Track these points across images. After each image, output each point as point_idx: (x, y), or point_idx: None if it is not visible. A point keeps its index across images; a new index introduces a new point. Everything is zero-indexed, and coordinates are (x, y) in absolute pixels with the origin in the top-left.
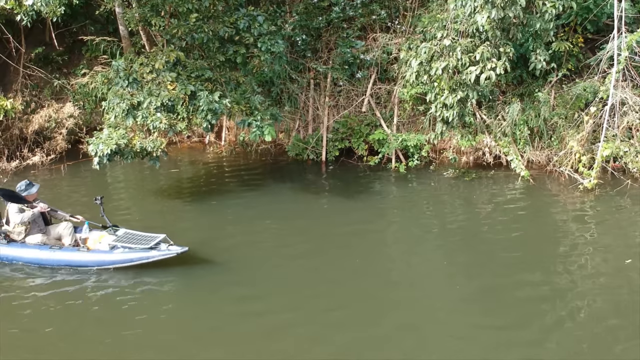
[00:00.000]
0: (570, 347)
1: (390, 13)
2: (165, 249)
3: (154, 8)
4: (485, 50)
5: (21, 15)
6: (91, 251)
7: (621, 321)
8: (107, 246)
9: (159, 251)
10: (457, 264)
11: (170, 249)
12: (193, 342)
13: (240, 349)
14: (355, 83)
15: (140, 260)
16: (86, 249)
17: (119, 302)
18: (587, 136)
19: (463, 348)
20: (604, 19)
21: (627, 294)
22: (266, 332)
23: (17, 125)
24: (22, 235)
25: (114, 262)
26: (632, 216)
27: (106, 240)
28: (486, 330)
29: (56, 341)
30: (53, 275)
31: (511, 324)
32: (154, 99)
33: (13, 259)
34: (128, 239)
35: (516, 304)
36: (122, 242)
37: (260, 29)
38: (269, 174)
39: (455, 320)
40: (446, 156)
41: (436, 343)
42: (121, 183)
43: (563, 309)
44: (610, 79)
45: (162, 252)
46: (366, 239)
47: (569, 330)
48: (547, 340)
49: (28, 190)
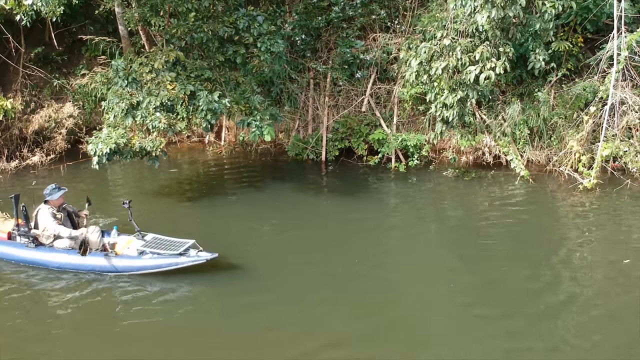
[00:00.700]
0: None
1: (390, 13)
2: (194, 255)
3: (154, 8)
4: (485, 50)
5: (21, 15)
6: (119, 256)
7: (620, 324)
8: (135, 251)
9: (188, 257)
10: (455, 263)
11: (199, 255)
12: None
13: (243, 344)
14: (355, 83)
15: (169, 267)
16: (114, 254)
17: (144, 308)
18: (587, 136)
19: (461, 339)
20: (604, 18)
21: (624, 293)
22: (266, 326)
23: (16, 125)
24: (50, 239)
25: (143, 268)
26: (631, 216)
27: (134, 246)
28: (484, 325)
29: (80, 347)
30: (79, 280)
31: (508, 321)
32: (153, 99)
33: (41, 263)
34: (157, 245)
35: (515, 302)
36: (150, 248)
37: (260, 29)
38: (268, 173)
39: (454, 318)
40: (446, 156)
41: (434, 336)
42: (120, 182)
43: (561, 307)
44: (609, 78)
45: (192, 258)
46: (366, 238)
47: (568, 329)
48: (541, 332)
49: (52, 195)
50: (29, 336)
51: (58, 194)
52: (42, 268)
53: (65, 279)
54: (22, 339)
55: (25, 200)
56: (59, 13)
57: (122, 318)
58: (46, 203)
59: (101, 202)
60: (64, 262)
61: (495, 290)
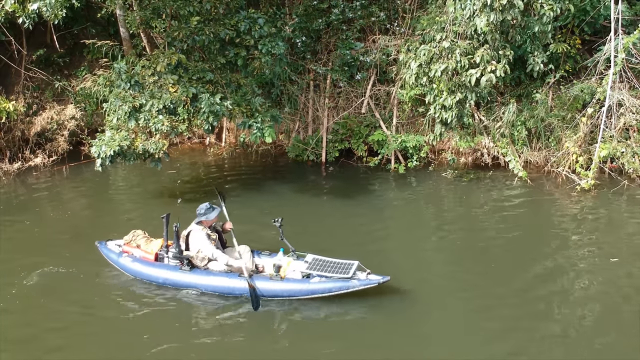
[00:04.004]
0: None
1: (389, 15)
2: (364, 277)
3: (155, 11)
4: (485, 53)
5: (23, 17)
6: (285, 280)
7: (620, 324)
8: (299, 274)
9: (359, 281)
10: (454, 264)
11: (370, 277)
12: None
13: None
14: (355, 84)
15: (340, 291)
16: (279, 277)
17: (307, 333)
18: (585, 137)
19: (461, 338)
20: (601, 20)
21: (616, 293)
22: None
23: (19, 127)
24: (205, 261)
25: (312, 292)
26: (628, 216)
27: (297, 267)
28: (484, 323)
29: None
30: (231, 303)
31: (506, 317)
32: (156, 102)
33: (197, 287)
34: (321, 267)
35: (513, 300)
36: (316, 270)
37: (261, 31)
38: (269, 174)
39: (454, 316)
40: (445, 157)
41: (433, 334)
42: (122, 184)
43: (559, 305)
44: (607, 80)
45: (363, 281)
46: (365, 239)
47: (567, 325)
48: (541, 331)
49: (206, 215)
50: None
51: (213, 214)
52: (198, 290)
53: (218, 302)
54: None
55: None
56: (60, 16)
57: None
58: (199, 224)
59: (104, 203)
60: (226, 285)
61: (493, 289)
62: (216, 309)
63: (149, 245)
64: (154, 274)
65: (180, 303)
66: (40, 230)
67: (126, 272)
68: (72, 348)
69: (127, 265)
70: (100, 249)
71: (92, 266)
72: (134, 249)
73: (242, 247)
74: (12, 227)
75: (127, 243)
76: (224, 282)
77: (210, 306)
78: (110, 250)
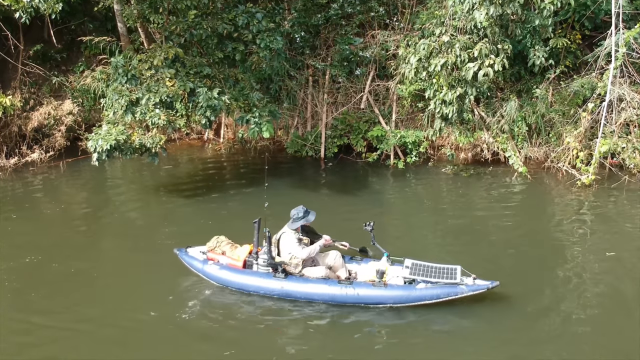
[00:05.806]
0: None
1: (389, 10)
2: (471, 282)
3: (153, 5)
4: (484, 47)
5: (20, 12)
6: (389, 287)
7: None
8: (401, 280)
9: (467, 286)
10: (454, 258)
11: (477, 282)
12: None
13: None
14: (354, 80)
15: (448, 297)
16: (382, 284)
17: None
18: (585, 132)
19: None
20: (602, 15)
21: (621, 285)
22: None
23: (16, 122)
24: (299, 267)
25: (419, 299)
26: (629, 211)
27: (397, 273)
28: (483, 322)
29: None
30: (331, 311)
31: (506, 314)
32: (152, 95)
33: (294, 295)
34: (423, 272)
35: (513, 296)
36: (419, 276)
37: (259, 26)
38: (267, 170)
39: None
40: (444, 153)
41: (431, 331)
42: (119, 179)
43: (557, 304)
44: (607, 75)
45: (471, 287)
46: (364, 234)
47: (566, 321)
48: (540, 328)
49: (306, 217)
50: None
51: (312, 217)
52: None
53: (313, 310)
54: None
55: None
56: (57, 10)
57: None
58: (294, 229)
59: (101, 199)
60: (327, 293)
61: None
62: (310, 316)
63: (234, 252)
64: (244, 281)
65: (270, 311)
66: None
67: (212, 280)
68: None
69: (214, 273)
70: (181, 257)
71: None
72: (219, 256)
73: (333, 253)
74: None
75: (211, 250)
76: (323, 290)
77: (308, 316)
78: (192, 257)
